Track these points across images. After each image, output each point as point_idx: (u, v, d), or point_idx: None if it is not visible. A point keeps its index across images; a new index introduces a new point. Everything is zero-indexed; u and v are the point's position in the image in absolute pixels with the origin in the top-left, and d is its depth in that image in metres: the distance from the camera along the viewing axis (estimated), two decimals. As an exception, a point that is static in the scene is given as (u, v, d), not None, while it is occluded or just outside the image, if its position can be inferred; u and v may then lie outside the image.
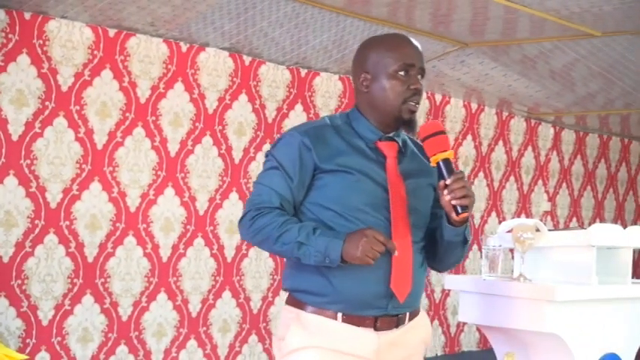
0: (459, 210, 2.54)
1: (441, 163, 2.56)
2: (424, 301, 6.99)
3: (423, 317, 2.73)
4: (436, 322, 7.12)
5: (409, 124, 2.66)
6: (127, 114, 5.13)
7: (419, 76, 2.66)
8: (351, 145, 2.64)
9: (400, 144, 2.70)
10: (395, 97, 2.63)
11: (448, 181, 2.53)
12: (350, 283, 2.56)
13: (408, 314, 2.65)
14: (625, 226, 3.82)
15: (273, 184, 2.60)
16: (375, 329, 2.59)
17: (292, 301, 2.67)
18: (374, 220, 2.56)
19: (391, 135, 2.69)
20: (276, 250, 2.59)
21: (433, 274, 6.79)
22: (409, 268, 2.61)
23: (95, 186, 5.00)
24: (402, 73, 2.62)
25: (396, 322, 2.62)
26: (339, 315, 2.58)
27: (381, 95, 2.65)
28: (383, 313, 2.59)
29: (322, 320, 2.59)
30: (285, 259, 2.72)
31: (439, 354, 7.17)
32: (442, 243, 2.68)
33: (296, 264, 2.63)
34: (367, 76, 2.66)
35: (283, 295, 6.04)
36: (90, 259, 4.99)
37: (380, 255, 2.47)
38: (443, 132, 2.59)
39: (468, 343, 7.45)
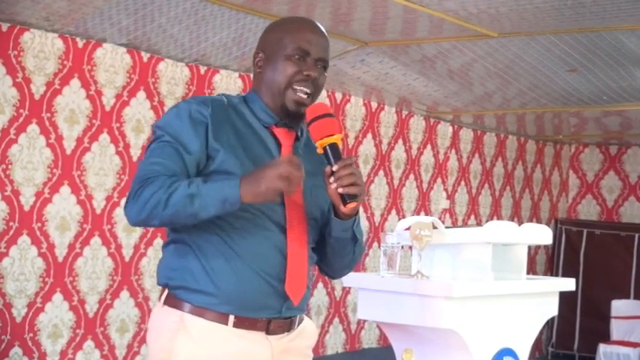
0: (346, 199, 2.28)
1: (328, 148, 2.30)
2: (325, 299, 7.00)
3: (309, 322, 2.57)
4: (337, 319, 7.14)
5: (295, 117, 2.42)
6: (21, 110, 4.99)
7: (320, 68, 2.47)
8: (247, 125, 2.42)
9: (299, 134, 2.48)
10: (282, 79, 2.41)
11: (334, 168, 2.27)
12: (239, 283, 2.32)
13: (297, 318, 2.48)
14: (521, 224, 3.89)
15: (163, 156, 2.31)
16: (268, 333, 2.39)
17: (172, 301, 2.37)
18: (268, 207, 2.34)
19: (289, 124, 2.45)
20: (168, 216, 2.24)
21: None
22: (304, 270, 2.42)
23: (-13, 184, 4.87)
24: (297, 57, 2.43)
25: (289, 325, 2.45)
26: (231, 318, 2.34)
27: (270, 75, 2.43)
28: (277, 316, 2.40)
29: (211, 327, 2.34)
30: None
31: (340, 351, 7.19)
32: (330, 241, 2.45)
33: (175, 253, 2.37)
34: (262, 55, 2.47)
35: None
36: (-18, 260, 4.86)
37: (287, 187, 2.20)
38: (330, 114, 2.35)
39: (369, 340, 7.50)
